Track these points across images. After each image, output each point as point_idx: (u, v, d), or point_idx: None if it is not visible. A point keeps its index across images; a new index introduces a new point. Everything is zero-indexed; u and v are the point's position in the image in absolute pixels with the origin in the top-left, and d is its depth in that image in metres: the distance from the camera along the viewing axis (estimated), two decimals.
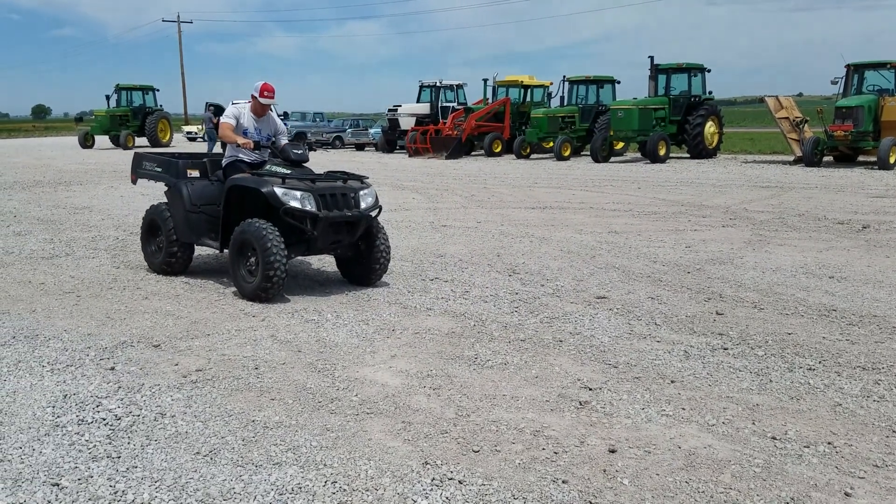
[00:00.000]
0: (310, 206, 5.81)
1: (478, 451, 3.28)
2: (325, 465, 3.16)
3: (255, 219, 5.84)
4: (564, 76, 26.10)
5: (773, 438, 3.41)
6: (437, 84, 31.56)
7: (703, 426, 3.57)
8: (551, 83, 29.66)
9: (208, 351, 4.71)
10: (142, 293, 6.28)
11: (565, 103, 26.06)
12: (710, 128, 23.09)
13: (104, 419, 3.63)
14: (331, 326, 5.26)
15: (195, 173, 6.87)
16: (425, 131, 27.81)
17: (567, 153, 23.90)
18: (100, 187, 15.47)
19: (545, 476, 3.05)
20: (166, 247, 6.76)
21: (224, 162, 6.68)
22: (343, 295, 6.26)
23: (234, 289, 6.37)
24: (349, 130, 36.77)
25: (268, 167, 6.24)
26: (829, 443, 3.36)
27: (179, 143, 37.55)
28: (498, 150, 26.91)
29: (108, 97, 33.58)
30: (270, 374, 4.29)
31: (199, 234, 6.62)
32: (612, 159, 23.81)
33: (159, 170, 7.03)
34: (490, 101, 28.66)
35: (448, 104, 31.18)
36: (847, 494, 2.90)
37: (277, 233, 5.72)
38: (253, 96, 6.57)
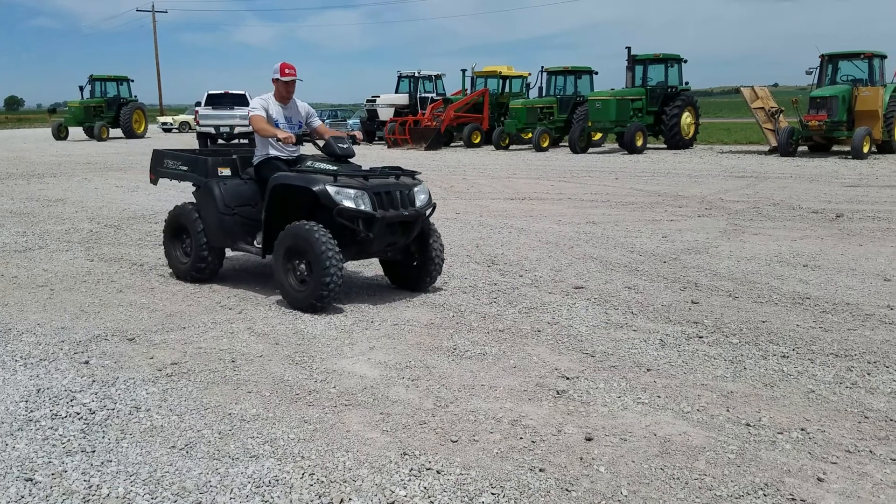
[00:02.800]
0: (365, 206, 5.28)
1: (456, 441, 3.29)
2: (302, 457, 3.15)
3: (303, 221, 5.34)
4: (543, 67, 26.14)
5: (748, 425, 3.46)
6: (416, 74, 31.44)
7: (678, 413, 3.61)
8: (529, 74, 29.67)
9: (184, 344, 4.67)
10: (116, 286, 6.20)
11: (544, 94, 26.10)
12: (686, 118, 23.23)
13: (78, 413, 3.59)
14: (309, 318, 5.24)
15: (226, 171, 6.21)
16: (404, 122, 27.69)
17: (546, 144, 23.95)
18: (73, 179, 15.25)
19: (522, 465, 3.07)
20: (195, 252, 6.12)
21: (256, 159, 6.06)
22: None
23: (210, 281, 6.32)
24: (328, 121, 36.59)
25: (309, 163, 5.72)
26: (802, 429, 3.41)
27: (154, 135, 37.14)
28: (477, 140, 26.87)
29: (81, 88, 33.04)
30: (247, 366, 4.26)
31: (234, 239, 6.01)
32: (591, 150, 23.90)
33: (185, 168, 6.35)
34: (469, 91, 28.59)
35: (427, 95, 31.12)
36: (820, 480, 2.94)
37: (331, 235, 5.22)
38: (274, 80, 5.97)
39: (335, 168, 5.51)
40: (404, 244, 5.74)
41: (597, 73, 26.74)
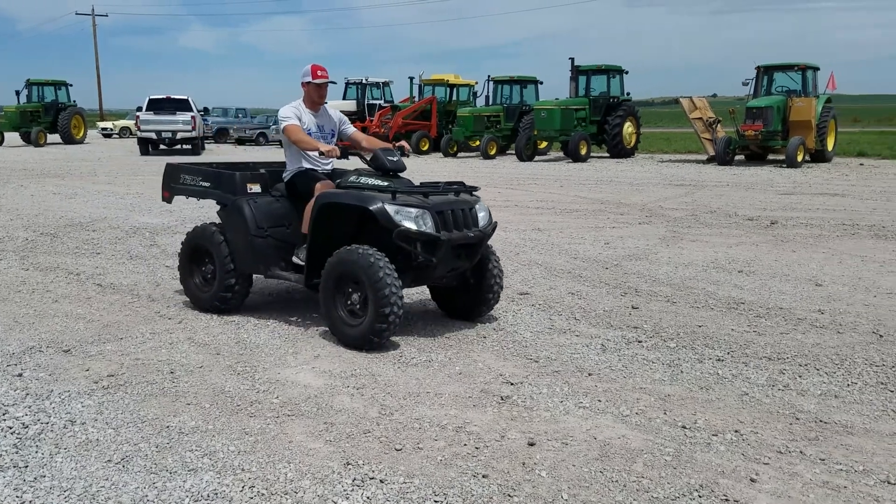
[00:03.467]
0: (427, 227, 4.68)
1: (400, 450, 3.29)
2: (242, 469, 3.10)
3: (354, 244, 4.76)
4: (489, 76, 26.42)
5: (684, 427, 3.55)
6: (363, 81, 31.44)
7: (617, 417, 3.68)
8: (476, 83, 29.99)
9: (121, 355, 4.56)
10: (51, 296, 6.01)
11: (490, 103, 26.36)
12: (628, 128, 23.75)
13: (11, 428, 3.47)
14: (252, 327, 5.17)
15: (256, 188, 5.55)
16: None
17: (493, 152, 24.16)
18: (8, 186, 14.72)
19: (466, 471, 3.09)
20: (221, 279, 5.39)
21: (288, 175, 5.48)
22: (266, 295, 6.16)
23: (149, 291, 6.18)
24: (273, 127, 36.26)
25: (354, 178, 5.05)
26: (735, 431, 3.52)
27: (94, 140, 36.12)
28: (425, 148, 26.98)
29: (18, 93, 31.98)
30: (187, 378, 4.18)
31: (267, 264, 5.32)
32: (537, 158, 24.20)
33: (207, 184, 5.66)
34: (416, 99, 28.70)
35: (374, 102, 31.13)
36: (752, 480, 3.03)
37: (388, 261, 4.65)
38: (305, 85, 5.40)
39: (386, 184, 4.88)
40: (464, 269, 5.15)
41: (542, 83, 27.18)
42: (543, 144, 24.57)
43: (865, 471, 3.09)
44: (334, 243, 4.90)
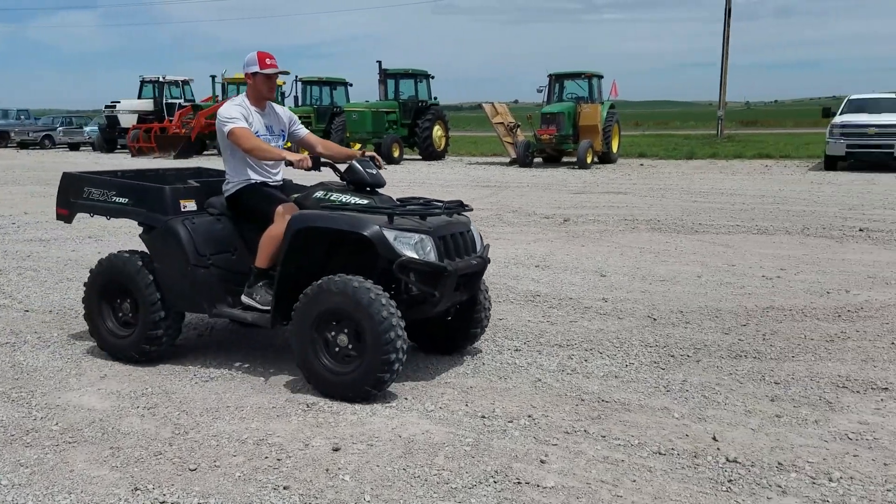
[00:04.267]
0: (429, 256, 3.96)
1: (195, 469, 3.14)
2: None
3: (344, 275, 3.90)
4: (297, 76, 26.00)
5: (483, 417, 3.71)
6: (161, 79, 29.74)
7: (422, 413, 3.77)
8: (284, 83, 29.33)
9: None
10: None
11: (299, 104, 25.95)
12: (437, 131, 24.42)
13: None
14: (29, 349, 4.70)
15: (190, 205, 4.53)
16: (149, 129, 26.01)
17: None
18: None
19: (266, 485, 3.01)
20: (146, 322, 4.36)
21: (231, 188, 4.50)
22: (47, 313, 5.61)
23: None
24: (60, 129, 33.42)
25: (321, 194, 4.21)
26: (529, 416, 3.73)
27: None
28: None
29: None
30: None
31: (211, 300, 4.34)
32: None
33: (125, 201, 4.55)
34: (220, 98, 27.56)
35: (174, 101, 29.56)
36: (542, 461, 3.23)
37: (388, 295, 3.89)
38: (250, 76, 4.46)
39: (366, 202, 4.10)
40: (459, 301, 4.41)
41: (351, 85, 27.22)
42: (356, 146, 24.58)
43: (640, 444, 3.41)
44: (304, 274, 4.14)
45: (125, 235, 8.63)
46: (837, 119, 18.16)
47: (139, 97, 29.91)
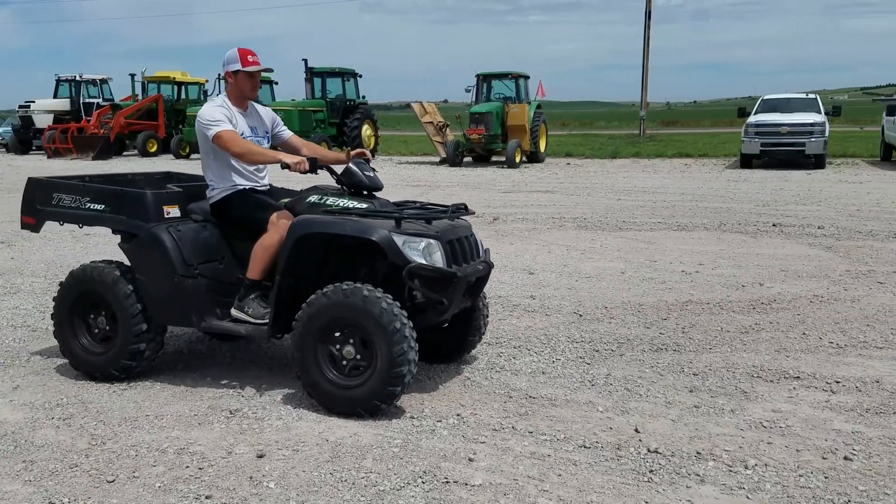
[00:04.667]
0: (437, 261, 3.80)
1: (113, 481, 3.02)
2: None
3: (352, 283, 3.71)
4: (219, 74, 25.37)
5: (412, 417, 3.70)
6: (78, 78, 28.64)
7: (349, 416, 3.73)
8: (207, 81, 28.71)
9: None
10: None
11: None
12: (366, 130, 24.29)
13: None
14: None
15: (174, 211, 4.25)
16: (66, 129, 24.99)
17: None
18: None
19: (187, 495, 2.93)
20: (127, 339, 4.08)
21: (217, 195, 4.24)
22: None
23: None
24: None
25: (315, 198, 4.07)
26: (457, 414, 3.75)
27: None
28: (153, 149, 25.27)
29: None
30: None
31: (200, 313, 4.10)
32: None
33: (101, 208, 4.23)
34: (140, 97, 26.72)
35: (92, 100, 28.53)
36: (471, 459, 3.25)
37: (399, 304, 3.71)
38: (231, 74, 4.23)
39: (366, 205, 3.97)
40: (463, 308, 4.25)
41: (277, 84, 26.78)
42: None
43: (566, 438, 3.47)
44: (301, 284, 3.98)
45: (41, 239, 8.27)
46: (752, 119, 18.92)
47: (55, 96, 28.84)
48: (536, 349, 4.80)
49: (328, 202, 4.01)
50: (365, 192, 4.13)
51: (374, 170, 4.24)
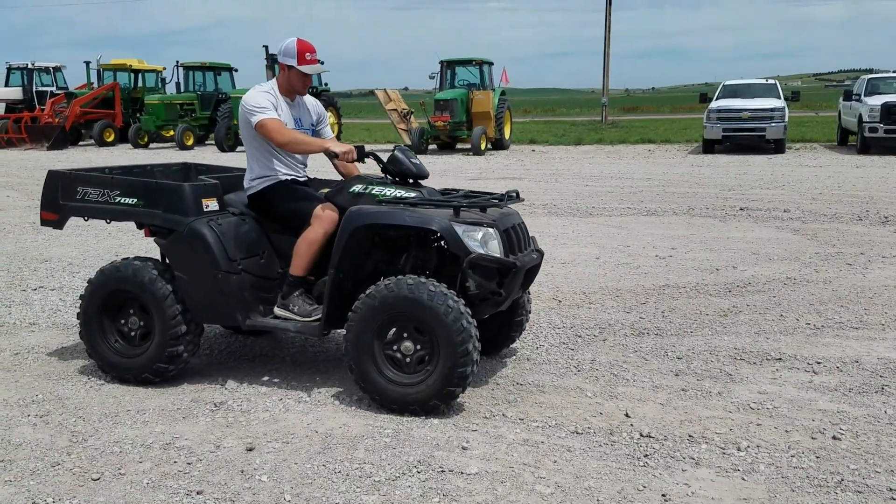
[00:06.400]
0: (495, 251, 3.65)
1: (98, 479, 2.92)
2: None
3: (413, 277, 3.56)
4: (178, 61, 24.86)
5: None
6: (30, 66, 27.79)
7: (338, 406, 3.68)
8: (164, 68, 28.09)
9: None
10: None
11: (182, 90, 24.85)
12: (329, 119, 23.98)
13: None
14: None
15: (212, 204, 4.02)
16: (19, 119, 24.26)
17: (190, 142, 22.83)
18: None
19: (178, 491, 2.85)
20: (165, 339, 3.86)
21: (256, 186, 4.09)
22: None
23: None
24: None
25: (359, 188, 3.90)
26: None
27: None
28: (110, 139, 24.64)
29: None
30: None
31: (246, 310, 3.91)
32: (239, 148, 23.38)
33: (133, 202, 3.98)
34: (95, 85, 26.01)
35: (45, 88, 27.73)
36: (464, 448, 3.22)
37: (462, 299, 3.54)
38: (286, 68, 4.04)
39: (414, 194, 3.81)
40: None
41: (237, 71, 26.31)
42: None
43: (557, 424, 3.46)
44: (351, 278, 3.84)
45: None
46: (714, 104, 19.16)
47: (6, 85, 27.94)
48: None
49: (374, 191, 3.85)
50: (411, 181, 3.99)
51: (418, 157, 4.08)
